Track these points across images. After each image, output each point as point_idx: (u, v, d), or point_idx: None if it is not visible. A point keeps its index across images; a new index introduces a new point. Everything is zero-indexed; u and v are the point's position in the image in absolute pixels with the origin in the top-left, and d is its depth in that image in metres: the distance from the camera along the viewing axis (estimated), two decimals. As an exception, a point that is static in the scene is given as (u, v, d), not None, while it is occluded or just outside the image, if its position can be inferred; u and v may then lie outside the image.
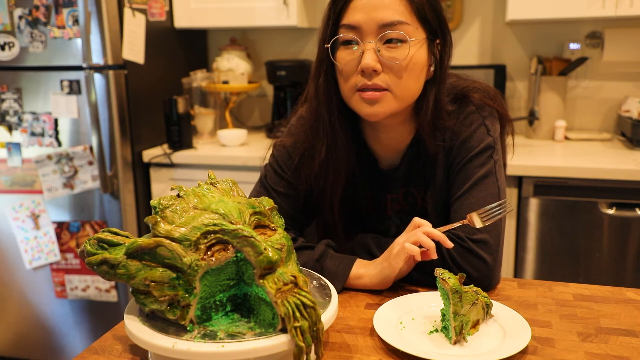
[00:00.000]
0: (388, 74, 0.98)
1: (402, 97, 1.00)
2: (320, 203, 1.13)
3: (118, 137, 2.16)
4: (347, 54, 0.99)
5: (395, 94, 0.99)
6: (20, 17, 2.13)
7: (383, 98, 0.99)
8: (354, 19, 0.97)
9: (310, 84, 1.08)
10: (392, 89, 0.99)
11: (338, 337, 0.86)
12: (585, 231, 1.95)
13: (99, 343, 0.85)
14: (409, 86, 1.00)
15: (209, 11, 2.42)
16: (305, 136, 1.10)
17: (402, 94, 1.00)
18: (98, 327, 2.37)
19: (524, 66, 2.47)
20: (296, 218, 1.15)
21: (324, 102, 1.05)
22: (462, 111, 1.07)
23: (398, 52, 0.97)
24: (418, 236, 0.93)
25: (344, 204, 1.14)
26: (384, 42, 0.96)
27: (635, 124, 2.14)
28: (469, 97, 1.07)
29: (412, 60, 0.98)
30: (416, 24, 0.98)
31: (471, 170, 1.04)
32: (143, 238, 0.74)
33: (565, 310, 0.94)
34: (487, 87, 1.12)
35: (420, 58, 0.99)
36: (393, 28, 0.95)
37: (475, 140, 1.05)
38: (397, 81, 0.98)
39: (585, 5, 2.04)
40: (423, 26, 0.99)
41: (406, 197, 1.14)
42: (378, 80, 0.97)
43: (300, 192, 1.13)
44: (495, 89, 1.14)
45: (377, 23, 0.96)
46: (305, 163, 1.10)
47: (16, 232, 2.34)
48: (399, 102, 1.01)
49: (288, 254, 0.76)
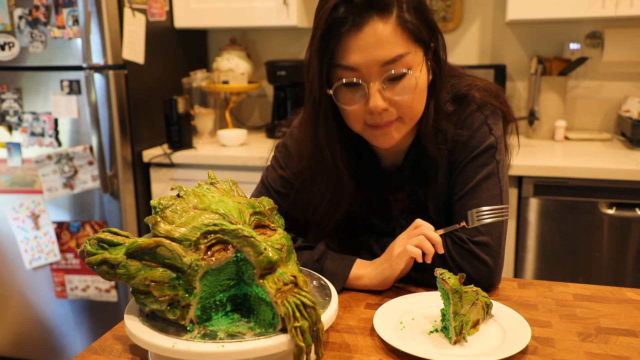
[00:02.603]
0: (396, 106, 0.95)
1: (412, 120, 0.99)
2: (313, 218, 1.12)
3: (118, 137, 2.16)
4: (351, 94, 0.95)
5: (405, 121, 0.98)
6: (20, 17, 2.13)
7: (394, 127, 0.97)
8: (353, 60, 0.91)
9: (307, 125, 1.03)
10: (403, 117, 0.97)
11: (338, 337, 0.86)
12: (585, 231, 1.94)
13: (99, 343, 0.85)
14: (418, 110, 0.98)
15: (209, 11, 2.42)
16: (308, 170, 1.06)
17: (413, 117, 0.99)
18: (98, 327, 2.37)
19: (524, 66, 2.47)
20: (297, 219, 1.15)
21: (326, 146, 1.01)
22: (463, 111, 1.05)
23: (404, 86, 0.93)
24: (420, 240, 0.93)
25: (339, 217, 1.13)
26: (388, 78, 0.93)
27: (635, 124, 2.14)
28: (470, 97, 1.05)
29: (419, 89, 0.95)
30: (415, 48, 0.93)
31: (473, 171, 1.03)
32: (143, 238, 0.74)
33: (565, 310, 0.94)
34: (488, 84, 1.09)
35: (423, 78, 0.97)
36: (395, 64, 0.91)
37: (478, 140, 1.03)
38: (406, 110, 0.96)
39: (585, 5, 2.04)
40: (420, 45, 0.95)
41: (410, 197, 1.13)
42: (387, 116, 0.95)
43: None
44: (497, 85, 1.11)
45: (378, 63, 0.90)
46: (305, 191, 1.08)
47: (16, 232, 2.34)
48: (409, 125, 1.00)
49: (288, 254, 0.76)
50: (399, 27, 0.90)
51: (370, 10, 0.89)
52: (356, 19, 0.89)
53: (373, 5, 0.89)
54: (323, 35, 0.91)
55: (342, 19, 0.89)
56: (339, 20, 0.89)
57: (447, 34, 2.52)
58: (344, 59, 0.92)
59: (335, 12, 0.89)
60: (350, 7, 0.89)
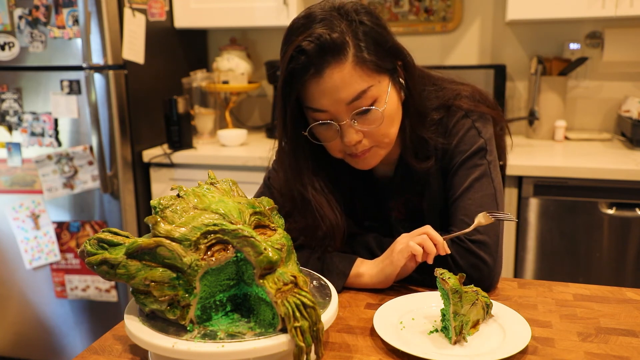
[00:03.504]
0: (369, 136, 0.99)
1: (389, 143, 1.02)
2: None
3: (118, 137, 2.16)
4: (326, 131, 0.99)
5: (381, 146, 1.02)
6: (20, 17, 2.13)
7: (372, 153, 1.01)
8: (320, 104, 0.95)
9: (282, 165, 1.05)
10: (378, 144, 1.01)
11: (338, 337, 0.86)
12: (585, 231, 1.94)
13: (99, 343, 0.85)
14: (392, 133, 1.01)
15: (209, 11, 2.42)
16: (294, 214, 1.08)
17: (389, 142, 1.02)
18: (98, 327, 2.37)
19: (524, 66, 2.47)
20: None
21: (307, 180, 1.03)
22: (450, 120, 1.06)
23: (373, 117, 0.97)
24: (423, 239, 0.94)
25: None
26: (357, 113, 0.96)
27: (635, 124, 2.14)
28: (455, 106, 1.07)
29: (388, 115, 0.98)
30: (378, 78, 0.96)
31: (465, 173, 1.05)
32: (143, 238, 0.74)
33: (565, 310, 0.94)
34: (474, 90, 1.10)
35: (393, 102, 0.99)
36: (360, 100, 0.94)
37: (467, 144, 1.05)
38: (380, 138, 1.00)
39: (585, 5, 2.04)
40: (383, 72, 0.97)
41: (407, 205, 1.15)
42: (363, 147, 0.99)
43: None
44: (482, 90, 1.13)
45: (343, 102, 0.94)
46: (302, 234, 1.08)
47: (16, 232, 2.34)
48: (387, 148, 1.03)
49: (288, 254, 0.76)
50: (357, 66, 0.93)
51: (326, 56, 0.91)
52: (315, 67, 0.92)
53: (327, 51, 0.91)
54: (286, 81, 0.95)
55: (302, 68, 0.92)
56: (299, 69, 0.92)
57: (447, 34, 2.52)
58: (312, 103, 0.96)
59: (294, 62, 0.92)
60: (307, 56, 0.91)
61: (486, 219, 0.97)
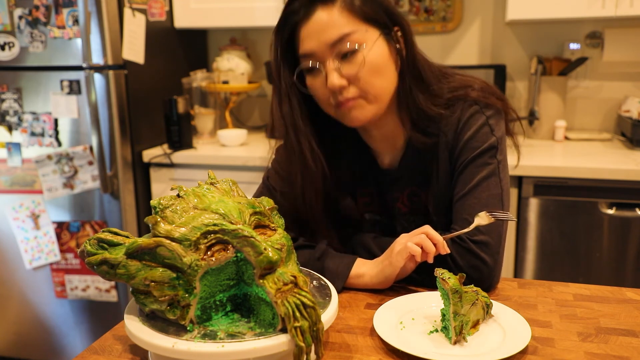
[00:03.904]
0: (355, 83, 1.00)
1: (376, 98, 1.02)
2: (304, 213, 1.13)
3: (118, 137, 2.17)
4: (314, 79, 1.03)
5: (368, 99, 1.02)
6: (20, 17, 2.13)
7: (357, 105, 1.02)
8: (307, 47, 1.00)
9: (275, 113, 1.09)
10: (364, 95, 1.01)
11: (338, 337, 0.86)
12: (585, 231, 1.94)
13: (99, 343, 0.85)
14: (378, 86, 1.02)
15: (209, 11, 2.42)
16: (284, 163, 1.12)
17: (375, 95, 1.02)
18: (98, 327, 2.37)
19: (524, 66, 2.47)
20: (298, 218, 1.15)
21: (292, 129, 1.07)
22: (464, 112, 1.05)
23: (355, 62, 0.99)
24: (421, 238, 0.94)
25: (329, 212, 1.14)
26: (341, 57, 0.99)
27: (635, 124, 2.14)
28: (469, 97, 1.06)
29: (371, 62, 0.99)
30: (364, 26, 0.99)
31: (474, 170, 1.04)
32: (143, 238, 0.74)
33: (565, 310, 0.94)
34: (485, 84, 1.10)
35: (379, 55, 1.01)
36: (342, 42, 0.98)
37: (479, 141, 1.04)
38: (365, 87, 1.00)
39: (585, 5, 2.04)
40: (372, 24, 1.00)
41: (411, 198, 1.14)
42: (348, 94, 1.01)
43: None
44: (493, 85, 1.12)
45: (327, 44, 0.98)
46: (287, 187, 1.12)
47: (16, 232, 2.34)
48: (376, 104, 1.03)
49: (288, 254, 0.76)
50: (343, 10, 0.99)
51: (316, 2, 0.99)
52: (305, 9, 1.00)
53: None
54: (279, 26, 1.03)
55: (294, 12, 1.01)
56: (291, 13, 1.01)
57: (447, 34, 2.52)
58: (301, 48, 1.02)
59: (289, 7, 1.02)
60: (300, 1, 1.00)
61: (486, 219, 0.97)
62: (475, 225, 0.97)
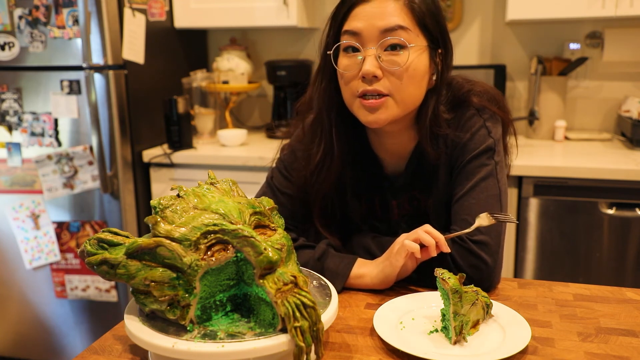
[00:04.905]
0: (389, 79, 0.98)
1: (403, 102, 1.00)
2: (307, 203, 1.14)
3: (118, 137, 2.16)
4: (349, 60, 1.00)
5: (396, 100, 1.00)
6: (20, 17, 2.13)
7: (384, 104, 0.99)
8: (356, 25, 0.98)
9: (311, 88, 1.09)
10: (393, 94, 0.99)
11: (338, 337, 0.86)
12: (585, 231, 1.95)
13: (99, 343, 0.85)
14: (409, 92, 1.00)
15: (209, 11, 2.42)
16: (306, 137, 1.11)
17: (403, 99, 1.00)
18: (98, 327, 2.37)
19: (524, 66, 2.47)
20: (300, 219, 1.15)
21: (324, 107, 1.07)
22: (462, 115, 1.07)
23: (398, 57, 0.97)
24: (418, 234, 0.94)
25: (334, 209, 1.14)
26: (385, 48, 0.97)
27: (635, 124, 2.14)
28: (468, 102, 1.07)
29: (412, 67, 0.98)
30: (417, 31, 0.99)
31: (472, 172, 1.04)
32: (143, 238, 0.74)
33: (565, 310, 0.94)
34: (487, 89, 1.11)
35: (421, 65, 1.00)
36: (393, 34, 0.96)
37: (476, 142, 1.05)
38: (398, 87, 0.98)
39: (585, 5, 2.04)
40: (424, 34, 1.00)
41: (411, 202, 1.15)
42: (378, 86, 0.98)
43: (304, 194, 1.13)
44: (495, 89, 1.14)
45: (377, 29, 0.96)
46: (304, 160, 1.12)
47: (16, 232, 2.34)
48: (400, 108, 1.01)
49: (288, 254, 0.76)
50: (405, 6, 0.98)
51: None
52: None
53: None
54: (338, 5, 1.02)
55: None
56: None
57: (447, 34, 2.52)
58: (348, 25, 1.00)
59: None
60: None
61: (487, 220, 0.97)
62: (476, 226, 0.97)
